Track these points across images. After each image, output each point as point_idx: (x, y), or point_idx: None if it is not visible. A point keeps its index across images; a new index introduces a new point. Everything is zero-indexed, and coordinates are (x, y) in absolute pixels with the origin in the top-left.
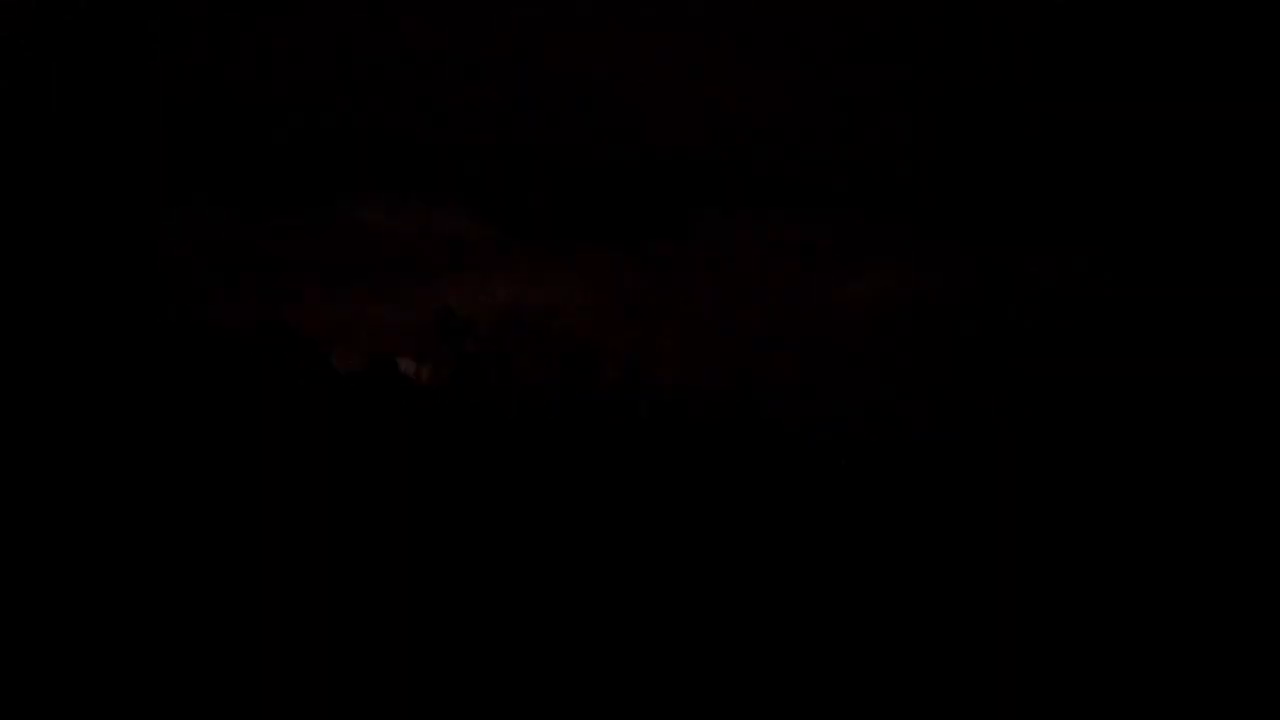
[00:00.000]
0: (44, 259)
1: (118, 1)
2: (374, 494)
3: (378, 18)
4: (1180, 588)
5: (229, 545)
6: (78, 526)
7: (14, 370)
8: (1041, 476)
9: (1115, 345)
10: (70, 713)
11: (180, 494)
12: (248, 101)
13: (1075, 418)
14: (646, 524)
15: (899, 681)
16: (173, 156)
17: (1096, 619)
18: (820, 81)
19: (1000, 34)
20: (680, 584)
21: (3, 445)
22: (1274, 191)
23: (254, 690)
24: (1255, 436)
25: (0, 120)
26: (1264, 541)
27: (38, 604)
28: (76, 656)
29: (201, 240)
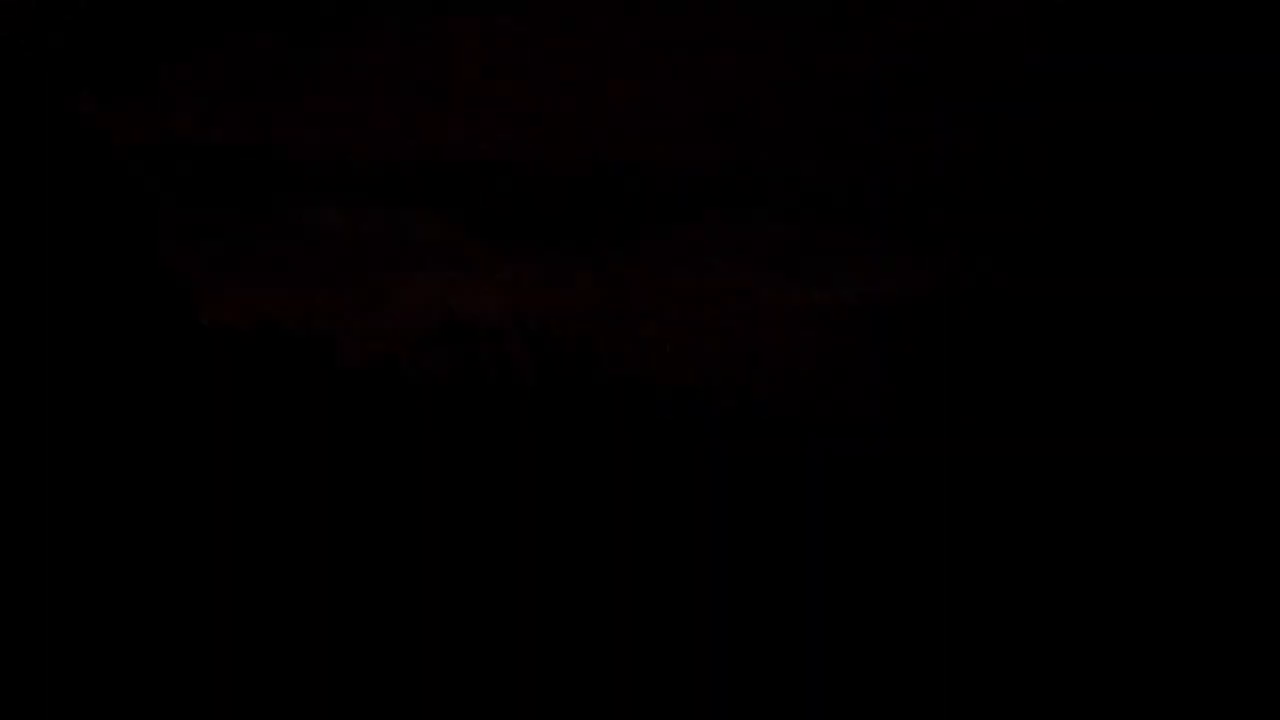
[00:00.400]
0: (40, 261)
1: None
2: (374, 493)
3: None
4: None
5: (229, 544)
6: (76, 526)
7: (12, 372)
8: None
9: (1085, 352)
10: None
11: (180, 494)
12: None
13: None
14: (648, 521)
15: (895, 679)
16: (170, 157)
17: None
18: (786, 89)
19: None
20: (680, 579)
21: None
22: (1256, 199)
23: (253, 691)
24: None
25: None
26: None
27: (35, 600)
28: (70, 654)
29: (199, 241)
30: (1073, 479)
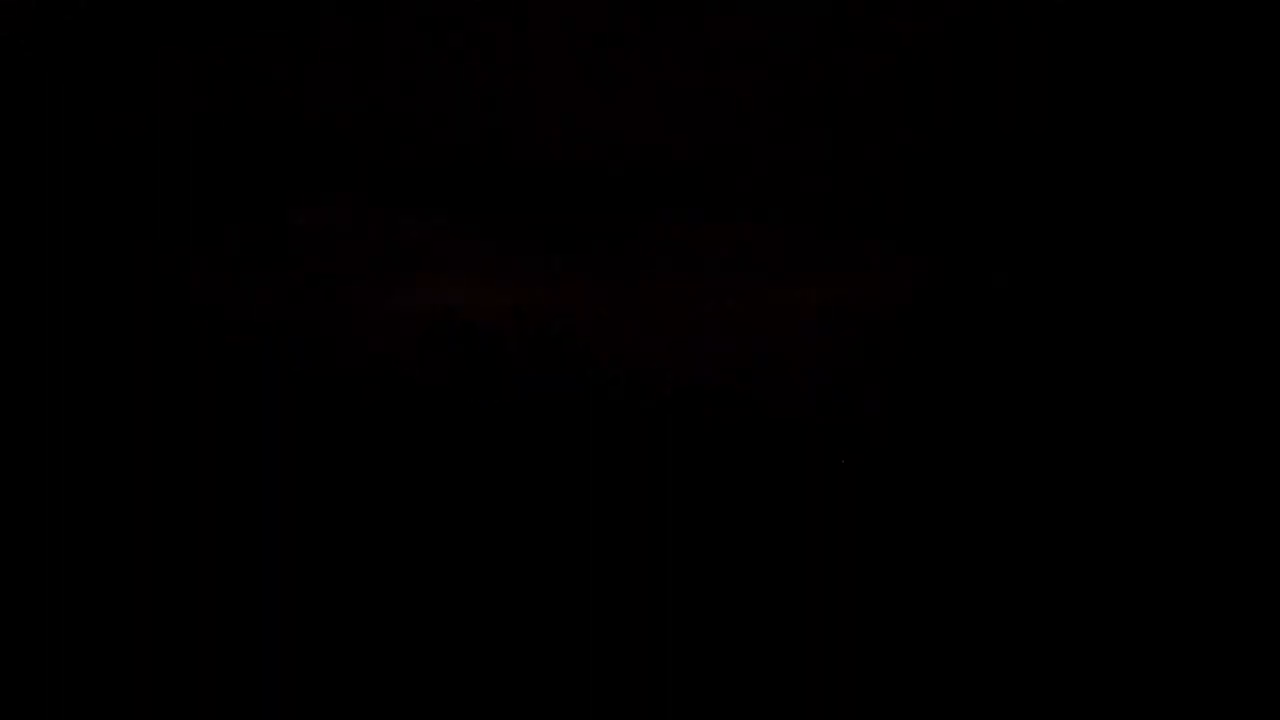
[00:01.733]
0: (39, 260)
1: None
2: (373, 493)
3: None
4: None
5: (227, 544)
6: (73, 525)
7: (9, 374)
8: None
9: (1076, 356)
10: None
11: (178, 494)
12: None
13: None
14: (650, 520)
15: (887, 680)
16: (168, 155)
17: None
18: (775, 89)
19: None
20: (676, 579)
21: (4, 445)
22: (1245, 210)
23: (251, 693)
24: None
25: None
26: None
27: (36, 599)
28: (66, 649)
29: (198, 240)
30: (1076, 479)
